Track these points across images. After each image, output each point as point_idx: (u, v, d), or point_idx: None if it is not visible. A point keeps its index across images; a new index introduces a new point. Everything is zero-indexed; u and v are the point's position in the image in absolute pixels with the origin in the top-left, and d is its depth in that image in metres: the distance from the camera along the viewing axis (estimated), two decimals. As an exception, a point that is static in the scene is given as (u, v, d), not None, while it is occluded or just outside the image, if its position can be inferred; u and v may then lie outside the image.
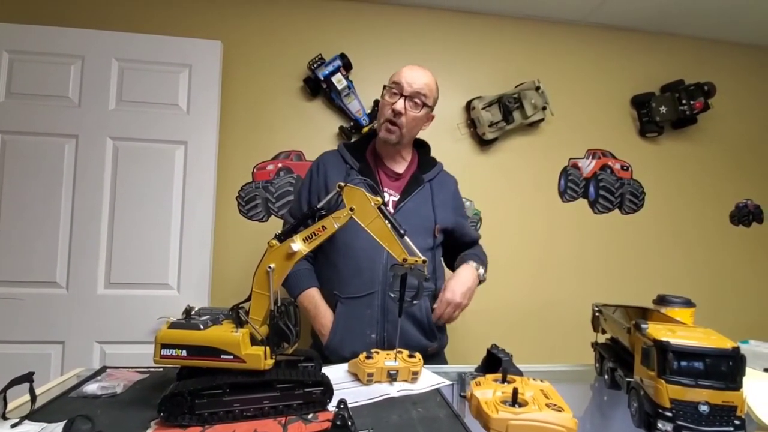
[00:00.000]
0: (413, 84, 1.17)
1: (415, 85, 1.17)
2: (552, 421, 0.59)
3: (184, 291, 1.65)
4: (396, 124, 1.18)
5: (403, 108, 1.17)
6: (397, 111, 1.17)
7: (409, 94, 1.17)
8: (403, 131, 1.20)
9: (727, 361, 0.62)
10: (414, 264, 0.78)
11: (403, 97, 1.17)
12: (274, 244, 0.76)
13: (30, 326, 1.57)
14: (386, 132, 1.20)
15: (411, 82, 1.18)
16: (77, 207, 1.62)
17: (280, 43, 1.89)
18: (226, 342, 0.70)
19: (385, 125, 1.20)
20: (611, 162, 2.09)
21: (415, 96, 1.18)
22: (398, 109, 1.17)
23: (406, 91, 1.17)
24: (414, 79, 1.18)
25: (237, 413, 0.69)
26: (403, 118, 1.18)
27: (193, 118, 1.70)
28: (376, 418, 0.70)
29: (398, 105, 1.17)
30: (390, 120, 1.19)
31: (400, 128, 1.19)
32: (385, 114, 1.20)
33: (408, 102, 1.18)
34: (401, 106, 1.17)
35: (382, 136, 1.22)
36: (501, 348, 0.89)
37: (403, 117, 1.18)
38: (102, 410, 0.72)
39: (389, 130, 1.19)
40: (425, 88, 1.19)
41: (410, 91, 1.17)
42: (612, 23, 2.09)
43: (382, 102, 1.23)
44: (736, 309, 2.10)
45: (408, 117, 1.18)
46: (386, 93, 1.21)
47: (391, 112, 1.18)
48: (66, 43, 1.65)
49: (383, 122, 1.20)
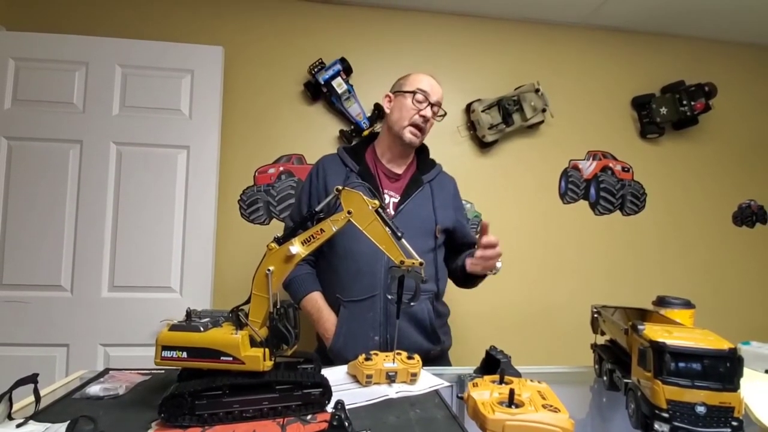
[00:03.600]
0: (436, 93, 1.26)
1: (437, 95, 1.26)
2: (548, 421, 0.60)
3: (187, 294, 1.67)
4: (422, 129, 1.25)
5: (432, 115, 1.25)
6: (428, 117, 1.24)
7: (434, 102, 1.25)
8: (425, 135, 1.28)
9: (724, 362, 0.62)
10: (411, 266, 0.78)
11: (430, 105, 1.24)
12: (273, 247, 0.77)
13: (35, 329, 1.59)
14: (412, 135, 1.25)
15: (435, 91, 1.26)
16: (81, 211, 1.64)
17: (280, 48, 1.91)
18: (226, 344, 0.71)
19: (409, 129, 1.24)
20: (612, 163, 2.08)
21: (437, 105, 1.27)
22: (429, 115, 1.24)
23: (432, 99, 1.24)
24: (436, 88, 1.27)
25: (236, 414, 0.69)
26: (428, 124, 1.26)
27: (195, 123, 1.72)
28: (374, 419, 0.71)
29: (428, 112, 1.24)
30: (417, 125, 1.24)
31: (424, 132, 1.27)
32: (412, 118, 1.24)
33: (433, 109, 1.25)
34: (431, 114, 1.24)
35: (408, 138, 1.25)
36: (500, 349, 0.89)
37: (429, 123, 1.26)
38: (104, 411, 0.73)
39: (415, 134, 1.25)
40: (442, 99, 1.29)
41: (435, 99, 1.25)
42: (611, 25, 2.09)
43: (404, 104, 1.25)
44: (738, 311, 2.09)
45: (430, 123, 1.27)
46: (411, 98, 1.24)
47: (421, 118, 1.23)
48: (70, 50, 1.68)
49: (408, 125, 1.24)
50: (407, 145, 1.26)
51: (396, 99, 1.27)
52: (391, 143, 1.29)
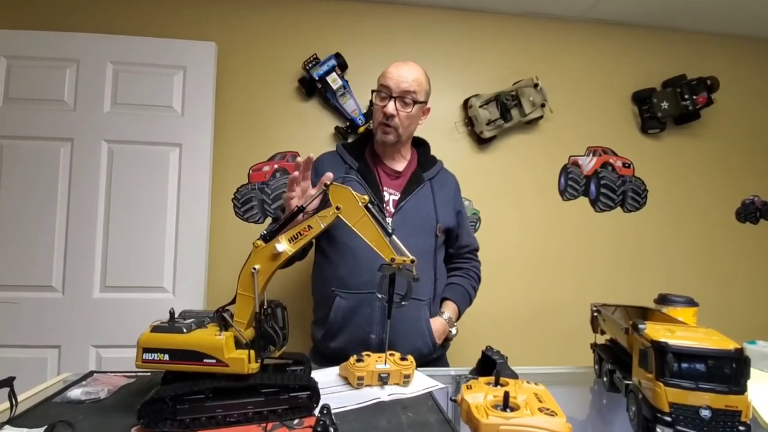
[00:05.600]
0: (401, 83, 1.16)
1: (404, 84, 1.16)
2: (544, 426, 0.57)
3: (180, 294, 1.64)
4: (391, 125, 1.18)
5: (395, 109, 1.16)
6: (389, 114, 1.16)
7: (398, 95, 1.16)
8: (400, 131, 1.19)
9: (729, 363, 0.59)
10: (402, 264, 0.75)
11: (393, 99, 1.16)
12: (259, 244, 0.74)
13: (26, 330, 1.56)
14: (383, 134, 1.20)
15: (399, 81, 1.16)
16: (73, 210, 1.62)
17: (274, 44, 1.88)
18: (209, 346, 0.68)
19: (380, 128, 1.20)
20: (612, 159, 2.05)
21: (405, 95, 1.16)
22: (390, 112, 1.16)
23: (394, 92, 1.16)
24: (401, 77, 1.16)
25: (220, 419, 0.67)
26: (396, 119, 1.17)
27: (188, 120, 1.69)
28: (363, 423, 0.68)
29: (389, 108, 1.16)
30: (384, 123, 1.18)
31: (396, 129, 1.19)
32: (378, 118, 1.20)
33: (398, 102, 1.16)
34: (392, 109, 1.16)
35: (379, 138, 1.21)
36: (496, 350, 0.86)
37: (395, 118, 1.17)
38: (84, 416, 0.70)
39: (385, 132, 1.19)
40: (413, 85, 1.17)
41: (399, 91, 1.16)
42: (611, 18, 2.06)
43: (375, 104, 1.21)
44: (743, 309, 2.05)
45: (401, 117, 1.17)
46: (376, 96, 1.20)
47: (383, 115, 1.17)
48: (61, 47, 1.65)
49: (377, 126, 1.20)
50: (384, 144, 1.22)
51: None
52: (377, 143, 1.26)
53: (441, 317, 1.20)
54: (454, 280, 1.29)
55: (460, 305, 1.26)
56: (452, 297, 1.25)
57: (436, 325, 1.17)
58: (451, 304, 1.24)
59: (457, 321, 1.25)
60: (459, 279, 1.29)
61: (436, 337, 1.17)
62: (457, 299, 1.25)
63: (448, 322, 1.21)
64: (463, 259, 1.33)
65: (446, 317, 1.21)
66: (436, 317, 1.20)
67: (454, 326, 1.23)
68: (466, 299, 1.29)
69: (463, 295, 1.27)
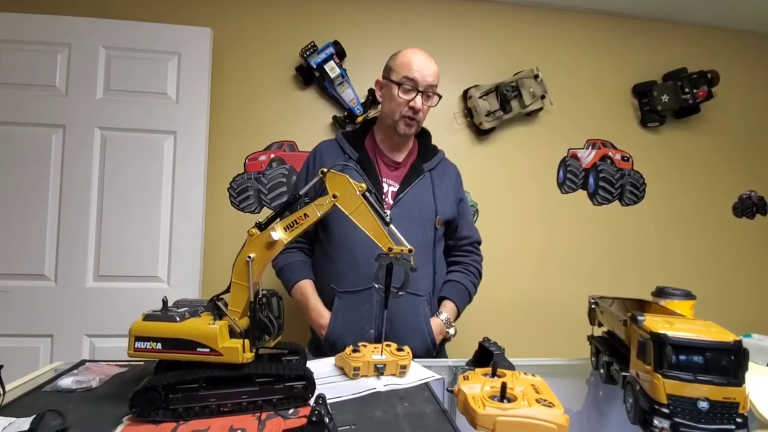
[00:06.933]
0: (427, 77, 1.13)
1: (429, 78, 1.14)
2: (541, 417, 0.56)
3: (175, 284, 1.63)
4: (416, 119, 1.17)
5: (422, 104, 1.15)
6: (418, 109, 1.15)
7: (423, 89, 1.14)
8: (421, 123, 1.20)
9: (728, 355, 0.59)
10: (400, 253, 0.74)
11: (420, 93, 1.14)
12: (254, 232, 0.73)
13: (18, 319, 1.54)
14: (406, 127, 1.17)
15: (425, 75, 1.13)
16: (65, 198, 1.59)
17: (271, 30, 1.84)
18: (202, 335, 0.67)
19: (404, 120, 1.16)
20: (611, 152, 2.04)
21: (429, 89, 1.15)
22: (418, 107, 1.14)
23: (420, 86, 1.14)
24: (426, 70, 1.14)
25: (213, 408, 0.66)
26: (421, 113, 1.17)
27: (183, 108, 1.66)
28: (359, 413, 0.67)
29: (418, 103, 1.14)
30: (409, 117, 1.16)
31: (419, 122, 1.19)
32: (402, 111, 1.16)
33: (423, 96, 1.15)
34: (420, 104, 1.14)
35: (402, 131, 1.18)
36: (493, 341, 0.86)
37: (420, 112, 1.16)
38: (74, 405, 0.69)
39: (409, 125, 1.17)
40: (436, 79, 1.16)
41: (425, 85, 1.14)
42: (613, 10, 2.03)
43: (393, 95, 1.15)
44: (738, 302, 2.06)
45: (424, 110, 1.17)
46: (398, 88, 1.14)
47: (410, 109, 1.15)
48: (52, 31, 1.61)
49: (401, 118, 1.16)
50: (403, 136, 1.20)
51: (386, 87, 1.19)
52: (388, 134, 1.22)
53: (438, 318, 1.16)
54: (452, 276, 1.24)
55: (458, 304, 1.21)
56: (450, 296, 1.21)
57: (432, 326, 1.14)
58: (450, 304, 1.20)
59: (455, 321, 1.21)
60: (458, 275, 1.25)
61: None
62: (456, 298, 1.21)
63: (445, 323, 1.17)
64: (463, 252, 1.29)
65: (444, 318, 1.17)
66: (434, 318, 1.16)
67: (452, 327, 1.18)
68: (465, 298, 1.24)
69: (462, 293, 1.23)
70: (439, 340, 1.16)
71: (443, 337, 1.17)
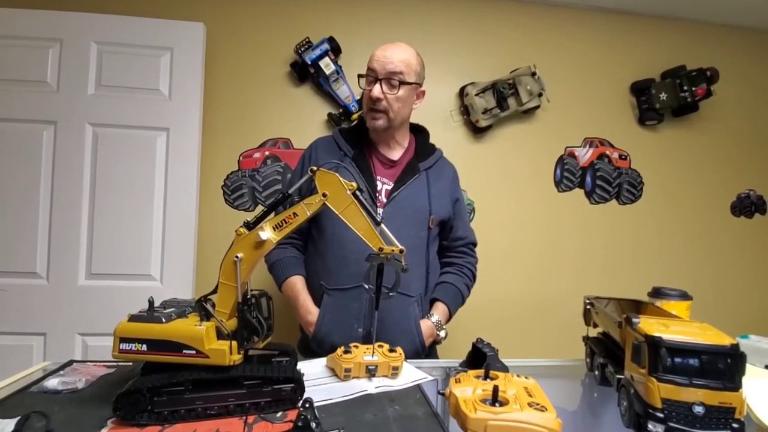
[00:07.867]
0: (387, 65, 1.10)
1: (390, 66, 1.10)
2: (533, 421, 0.55)
3: (168, 282, 1.61)
4: (379, 110, 1.12)
5: (381, 93, 1.11)
6: (375, 98, 1.11)
7: (384, 77, 1.11)
8: (390, 115, 1.14)
9: (724, 358, 0.58)
10: (391, 253, 0.73)
11: (379, 81, 1.11)
12: (242, 232, 0.71)
13: (10, 317, 1.53)
14: (372, 120, 1.15)
15: (384, 63, 1.10)
16: (56, 196, 1.57)
17: (265, 26, 1.82)
18: (189, 336, 0.66)
19: (369, 113, 1.15)
20: (609, 151, 2.03)
21: (391, 77, 1.10)
22: (375, 95, 1.11)
23: (380, 74, 1.11)
24: (387, 58, 1.11)
25: (200, 412, 0.65)
26: (384, 102, 1.12)
27: (176, 104, 1.64)
28: (348, 416, 0.66)
29: (375, 91, 1.10)
30: (372, 108, 1.13)
31: (386, 113, 1.13)
32: (366, 102, 1.15)
33: (385, 85, 1.11)
34: (378, 92, 1.10)
35: (369, 125, 1.16)
36: (486, 342, 0.85)
37: (383, 101, 1.11)
38: (60, 406, 0.68)
39: (374, 117, 1.14)
40: (401, 65, 1.11)
41: (385, 72, 1.10)
42: (611, 7, 2.01)
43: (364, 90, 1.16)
44: (736, 303, 2.06)
45: (389, 100, 1.11)
46: (364, 81, 1.15)
47: (370, 99, 1.12)
48: (43, 26, 1.59)
49: (367, 111, 1.15)
50: (375, 130, 1.17)
51: None
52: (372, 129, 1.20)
53: (429, 320, 1.14)
54: (445, 278, 1.22)
55: (450, 307, 1.18)
56: (442, 298, 1.18)
57: (422, 328, 1.12)
58: (441, 306, 1.17)
59: (447, 323, 1.18)
60: (451, 277, 1.22)
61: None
62: (448, 300, 1.18)
63: (436, 326, 1.14)
64: (458, 254, 1.26)
65: (435, 320, 1.15)
66: (424, 320, 1.14)
67: (443, 329, 1.16)
68: (457, 300, 1.21)
69: (454, 295, 1.20)
70: (429, 343, 1.14)
71: (434, 340, 1.15)
